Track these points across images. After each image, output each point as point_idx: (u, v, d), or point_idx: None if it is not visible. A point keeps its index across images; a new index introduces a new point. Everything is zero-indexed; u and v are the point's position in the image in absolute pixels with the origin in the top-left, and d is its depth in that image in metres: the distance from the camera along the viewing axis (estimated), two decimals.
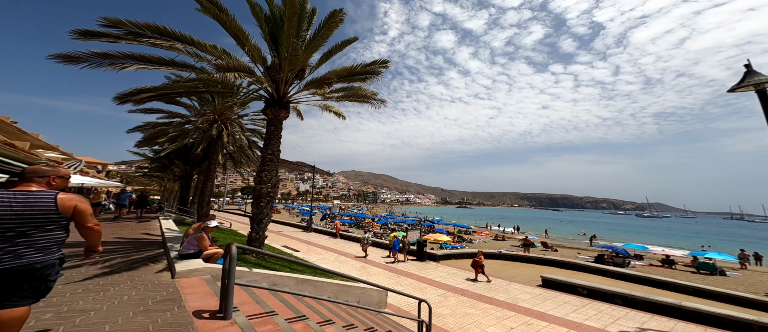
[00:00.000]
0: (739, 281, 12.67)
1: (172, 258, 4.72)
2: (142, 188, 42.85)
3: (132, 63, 6.19)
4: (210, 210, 15.24)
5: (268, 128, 7.61)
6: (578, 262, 11.06)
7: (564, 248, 21.78)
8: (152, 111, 14.63)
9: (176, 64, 6.79)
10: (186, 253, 4.67)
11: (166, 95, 7.66)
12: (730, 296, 7.44)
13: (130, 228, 10.20)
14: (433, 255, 11.44)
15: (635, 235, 46.77)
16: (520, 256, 12.44)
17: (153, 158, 21.67)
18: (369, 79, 7.20)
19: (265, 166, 7.34)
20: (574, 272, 10.20)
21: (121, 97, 7.17)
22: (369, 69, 7.10)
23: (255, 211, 7.12)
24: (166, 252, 5.80)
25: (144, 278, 4.10)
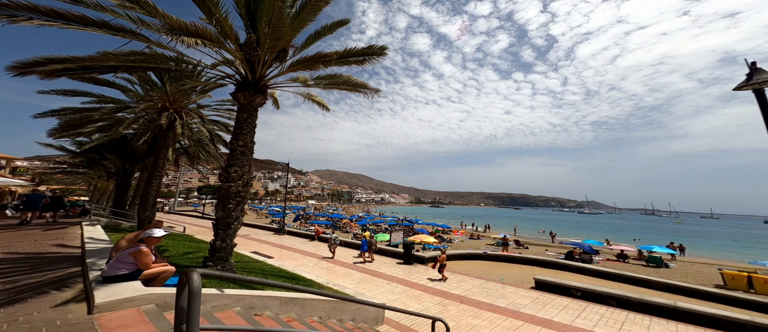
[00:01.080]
0: (681, 271, 14.67)
1: (91, 282, 3.23)
2: (63, 188, 35.12)
3: (32, 16, 4.29)
4: (155, 212, 12.57)
5: (239, 115, 6.15)
6: (560, 262, 11.53)
7: (532, 245, 23.30)
8: (74, 93, 11.34)
9: (109, 28, 4.93)
10: (113, 274, 3.18)
11: (90, 69, 5.65)
12: (700, 292, 8.19)
13: (34, 237, 7.61)
14: (421, 258, 10.87)
15: (582, 231, 52.88)
16: (502, 256, 12.57)
17: (77, 152, 17.46)
18: (368, 61, 6.21)
19: (234, 159, 5.89)
20: (557, 271, 10.54)
21: (21, 67, 5.01)
22: (369, 51, 6.12)
23: (221, 215, 5.63)
24: (83, 273, 4.12)
25: (39, 315, 2.68)
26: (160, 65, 5.98)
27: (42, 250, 5.88)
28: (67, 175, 30.43)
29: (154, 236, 3.37)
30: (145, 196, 11.74)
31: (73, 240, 7.24)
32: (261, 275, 6.20)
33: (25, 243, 6.64)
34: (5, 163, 33.67)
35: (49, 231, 8.83)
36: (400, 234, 16.49)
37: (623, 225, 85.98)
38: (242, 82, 6.20)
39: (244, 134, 6.06)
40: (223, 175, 5.80)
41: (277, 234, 20.53)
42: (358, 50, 6.18)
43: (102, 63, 5.43)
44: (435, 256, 10.79)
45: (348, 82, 7.20)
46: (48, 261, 4.90)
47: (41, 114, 11.22)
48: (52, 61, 5.06)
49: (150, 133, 15.06)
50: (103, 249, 5.24)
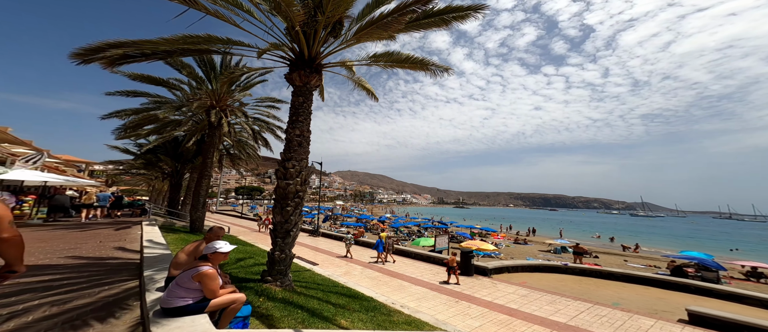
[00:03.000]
0: None
1: (149, 310, 2.44)
2: (128, 188, 39.61)
3: None
4: (205, 213, 12.75)
5: (295, 100, 5.31)
6: (680, 281, 8.67)
7: (600, 253, 19.66)
8: (135, 93, 12.05)
9: None
10: (174, 306, 2.36)
11: (148, 54, 5.25)
12: None
13: (100, 238, 7.72)
14: (482, 269, 9.27)
15: (653, 238, 45.39)
16: (586, 270, 10.03)
17: (137, 153, 18.94)
18: (461, 19, 4.89)
19: (291, 152, 5.04)
20: (684, 294, 7.96)
21: (84, 54, 4.74)
22: (460, 8, 4.79)
23: (279, 219, 4.80)
24: (141, 291, 3.49)
25: None
26: (210, 47, 5.36)
27: (103, 255, 5.65)
28: (130, 177, 34.14)
29: (220, 252, 2.49)
30: (196, 196, 11.89)
31: (132, 243, 7.14)
32: (321, 292, 5.28)
33: (90, 245, 6.61)
34: (85, 166, 39.05)
35: (115, 231, 9.08)
36: (445, 238, 14.96)
37: (699, 231, 72.94)
38: (296, 61, 5.36)
39: (300, 122, 5.20)
40: (279, 172, 4.98)
41: (312, 236, 20.28)
42: (445, 8, 4.89)
43: (158, 46, 4.96)
44: (501, 268, 9.16)
45: (411, 59, 6.01)
46: (106, 271, 4.48)
47: (107, 115, 11.98)
48: (111, 46, 4.69)
49: (198, 133, 15.61)
50: (161, 258, 4.72)
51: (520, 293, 7.56)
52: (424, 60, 5.89)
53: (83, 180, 15.73)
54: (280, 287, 4.53)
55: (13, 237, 1.52)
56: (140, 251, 6.00)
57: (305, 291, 4.90)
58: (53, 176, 12.73)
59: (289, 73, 5.35)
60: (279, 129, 15.01)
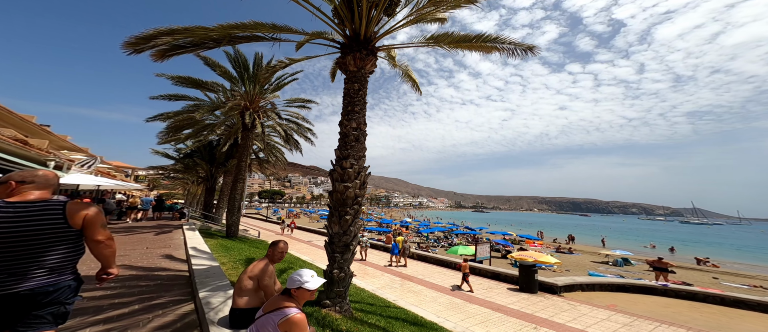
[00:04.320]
0: None
1: None
2: (166, 192, 42.45)
3: None
4: (240, 217, 12.63)
5: (349, 87, 4.57)
6: None
7: (679, 269, 16.07)
8: (176, 97, 12.36)
9: None
10: None
11: (197, 45, 4.89)
12: None
13: (146, 243, 7.60)
14: (550, 286, 7.83)
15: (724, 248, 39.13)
16: (698, 294, 7.54)
17: (176, 158, 19.79)
18: None
19: (347, 148, 4.28)
20: None
21: (136, 43, 4.46)
22: None
23: (336, 230, 4.04)
24: (199, 322, 2.85)
25: None
26: (257, 33, 4.82)
27: (151, 265, 5.31)
28: (169, 181, 36.44)
29: (306, 289, 1.70)
30: (231, 200, 11.78)
31: (177, 250, 6.87)
32: (382, 319, 4.39)
33: (137, 252, 6.41)
34: (131, 172, 42.71)
35: (158, 235, 9.03)
36: (486, 247, 13.55)
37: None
38: (350, 43, 4.63)
39: (356, 112, 4.43)
40: (336, 173, 4.23)
41: None
42: None
43: (209, 33, 4.52)
44: (573, 285, 7.69)
45: (482, 37, 5.02)
46: (157, 287, 4.00)
47: (152, 118, 12.36)
48: (163, 34, 4.34)
49: (232, 137, 15.83)
50: (211, 272, 4.18)
51: (620, 321, 6.07)
52: (499, 37, 4.86)
53: (130, 184, 16.59)
54: (339, 313, 3.74)
55: (107, 239, 1.56)
56: (187, 260, 5.61)
57: (364, 317, 4.07)
58: (105, 180, 13.38)
59: (342, 57, 4.64)
60: (309, 131, 14.70)
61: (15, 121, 11.27)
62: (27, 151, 9.56)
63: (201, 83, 11.66)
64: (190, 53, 5.03)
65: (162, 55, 4.87)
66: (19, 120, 11.45)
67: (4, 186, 1.46)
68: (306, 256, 11.30)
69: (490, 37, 4.89)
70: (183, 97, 12.47)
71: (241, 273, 2.35)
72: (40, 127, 13.12)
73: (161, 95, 12.22)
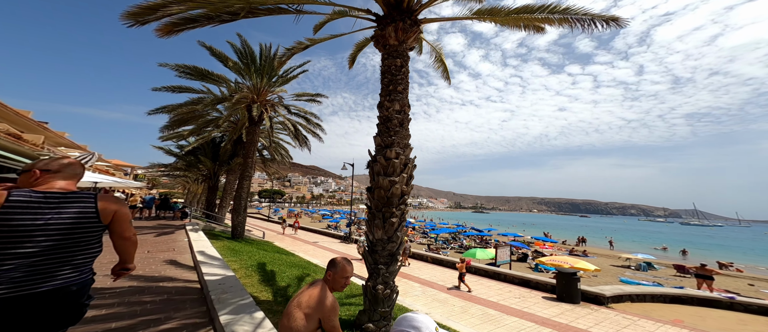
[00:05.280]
0: None
1: None
2: (165, 191, 41.69)
3: None
4: (246, 217, 11.89)
5: (389, 64, 3.86)
6: None
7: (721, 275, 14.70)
8: (180, 89, 11.64)
9: None
10: None
11: (212, 17, 4.16)
12: None
13: (147, 246, 6.88)
14: (596, 296, 7.08)
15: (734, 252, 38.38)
16: (754, 306, 6.67)
17: (179, 154, 19.04)
18: None
19: (391, 134, 3.56)
20: None
21: (138, 14, 3.72)
22: None
23: (380, 236, 3.30)
24: None
25: None
26: (280, 5, 4.09)
27: (155, 273, 4.60)
28: (168, 180, 35.66)
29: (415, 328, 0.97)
30: (237, 199, 11.05)
31: (183, 254, 6.14)
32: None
33: (137, 257, 5.61)
34: (130, 170, 41.95)
35: (160, 237, 8.29)
36: (506, 251, 12.84)
37: None
38: (390, 12, 3.91)
39: (399, 93, 3.72)
40: (378, 164, 3.51)
41: (345, 243, 19.05)
42: None
43: (225, 3, 3.77)
44: (621, 295, 6.98)
45: (549, 7, 4.24)
46: (164, 304, 3.31)
47: (154, 110, 11.65)
48: (171, 2, 3.57)
49: (236, 133, 15.10)
50: (226, 284, 3.48)
51: None
52: (570, 8, 4.07)
53: (130, 182, 15.84)
54: None
55: (134, 236, 1.54)
56: (195, 267, 4.89)
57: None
58: (103, 177, 12.64)
59: (381, 30, 3.93)
60: (318, 127, 13.97)
61: (9, 116, 10.59)
62: (20, 146, 8.89)
63: (207, 74, 10.93)
64: (204, 27, 4.30)
65: (169, 30, 4.16)
66: (14, 114, 10.77)
67: (27, 175, 1.35)
68: (316, 259, 10.62)
69: (558, 7, 4.13)
70: (187, 89, 11.75)
71: (289, 302, 1.61)
72: (36, 122, 12.43)
73: (164, 86, 11.51)
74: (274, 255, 9.09)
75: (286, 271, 6.53)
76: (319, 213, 61.67)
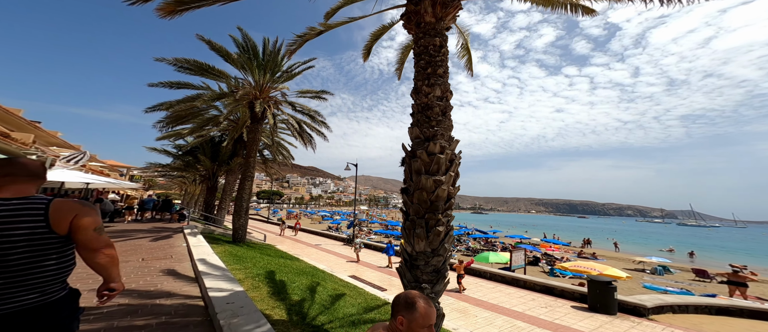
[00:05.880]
0: None
1: None
2: (162, 192, 40.79)
3: None
4: (248, 220, 11.25)
5: (426, 44, 3.30)
6: None
7: None
8: (179, 85, 10.95)
9: None
10: None
11: None
12: None
13: (141, 252, 6.24)
14: (635, 307, 6.51)
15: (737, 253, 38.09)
16: None
17: (176, 154, 18.35)
18: None
19: (433, 125, 2.99)
20: None
21: None
22: None
23: (422, 248, 2.70)
24: None
25: None
26: None
27: (150, 287, 4.00)
28: (165, 181, 34.83)
29: None
30: (238, 201, 10.42)
31: (181, 262, 5.52)
32: None
33: (131, 265, 5.06)
34: (126, 171, 41.00)
35: (156, 242, 7.64)
36: (521, 255, 12.29)
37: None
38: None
39: (439, 76, 3.17)
40: (418, 161, 2.93)
41: (349, 245, 18.45)
42: None
43: None
44: (663, 306, 6.45)
45: None
46: (161, 329, 2.67)
47: (151, 108, 10.93)
48: None
49: (237, 131, 14.47)
50: (236, 302, 2.89)
51: None
52: None
53: (124, 183, 15.11)
54: None
55: (105, 247, 1.28)
56: (197, 278, 4.29)
57: None
58: (95, 177, 11.95)
59: (415, 5, 3.37)
60: (323, 124, 13.37)
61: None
62: (8, 144, 8.26)
63: (207, 69, 10.31)
64: (210, 6, 3.73)
65: (172, 10, 3.64)
66: (4, 112, 10.10)
67: None
68: (322, 265, 10.01)
69: None
70: (186, 84, 11.07)
71: None
72: (27, 121, 11.74)
73: (162, 82, 10.83)
74: (279, 260, 8.48)
75: (295, 281, 5.93)
76: (319, 214, 60.98)
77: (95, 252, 1.24)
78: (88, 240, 1.22)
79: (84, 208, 1.25)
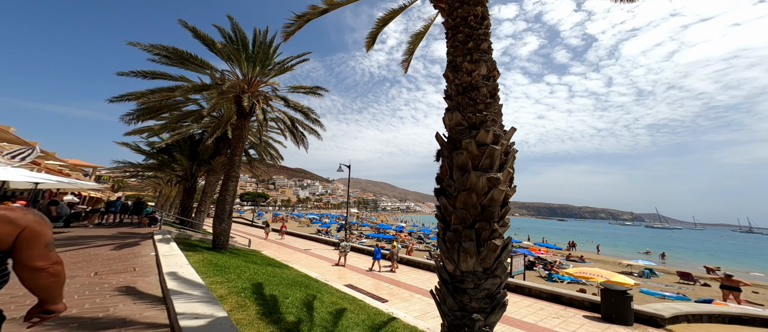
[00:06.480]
0: None
1: None
2: (133, 194, 37.54)
3: None
4: (231, 223, 10.13)
5: (465, 14, 2.73)
6: None
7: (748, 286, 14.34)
8: (153, 74, 9.59)
9: None
10: None
11: None
12: None
13: (97, 263, 5.13)
14: (651, 317, 6.23)
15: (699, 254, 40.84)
16: None
17: (150, 152, 16.62)
18: None
19: (482, 109, 2.40)
20: None
21: None
22: None
23: (471, 267, 2.09)
24: None
25: None
26: None
27: (101, 311, 3.05)
28: (137, 182, 31.95)
29: None
30: (221, 203, 9.30)
31: (146, 277, 4.50)
32: None
33: (78, 282, 4.01)
34: (92, 171, 37.28)
35: (118, 251, 6.46)
36: (520, 260, 12.05)
37: (739, 245, 66.97)
38: None
39: (483, 52, 2.61)
40: (463, 154, 2.31)
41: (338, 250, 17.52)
42: None
43: None
44: (678, 315, 6.24)
45: None
46: None
47: (118, 97, 9.49)
48: None
49: (220, 128, 13.24)
50: None
51: None
52: None
53: (84, 183, 13.34)
54: None
55: (52, 265, 1.11)
56: (165, 298, 3.39)
57: None
58: (46, 177, 10.33)
59: None
60: (317, 122, 12.51)
61: None
62: None
63: (189, 58, 9.17)
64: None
65: None
66: None
67: None
68: (314, 272, 9.16)
69: None
70: (162, 75, 9.74)
71: None
72: None
73: (134, 71, 9.35)
74: (268, 269, 7.54)
75: (288, 295, 5.11)
76: (308, 217, 58.95)
77: (39, 272, 1.07)
78: (32, 257, 1.05)
79: (36, 219, 1.08)
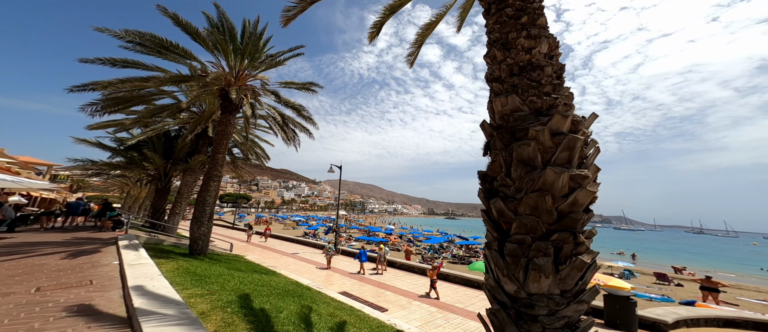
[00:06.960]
0: None
1: None
2: (97, 194, 34.03)
3: None
4: (212, 227, 9.09)
5: None
6: None
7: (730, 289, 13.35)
8: (124, 63, 8.27)
9: None
10: None
11: None
12: None
13: (41, 276, 4.11)
14: (656, 323, 6.15)
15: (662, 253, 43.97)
16: None
17: (117, 149, 14.90)
18: None
19: (545, 91, 1.98)
20: None
21: None
22: None
23: (546, 288, 1.63)
24: None
25: None
26: None
27: None
28: (101, 181, 28.89)
29: None
30: (200, 205, 8.29)
31: (107, 291, 3.60)
32: None
33: (15, 296, 3.08)
34: (46, 169, 33.25)
35: (70, 259, 5.38)
36: None
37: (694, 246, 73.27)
38: None
39: (540, 27, 2.19)
40: (530, 145, 1.86)
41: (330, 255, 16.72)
42: None
43: None
44: (679, 320, 6.25)
45: None
46: None
47: (78, 86, 8.13)
48: None
49: (201, 124, 12.04)
50: None
51: None
52: None
53: (33, 182, 11.57)
54: None
55: None
56: (129, 319, 2.63)
57: None
58: None
59: None
60: (309, 120, 11.77)
61: None
62: None
63: (168, 46, 8.10)
64: None
65: None
66: None
67: None
68: (305, 279, 8.43)
69: None
70: (136, 63, 8.47)
71: None
72: None
73: (100, 58, 7.83)
74: (254, 276, 6.73)
75: (281, 307, 4.43)
76: (293, 219, 56.74)
77: None
78: None
79: None
